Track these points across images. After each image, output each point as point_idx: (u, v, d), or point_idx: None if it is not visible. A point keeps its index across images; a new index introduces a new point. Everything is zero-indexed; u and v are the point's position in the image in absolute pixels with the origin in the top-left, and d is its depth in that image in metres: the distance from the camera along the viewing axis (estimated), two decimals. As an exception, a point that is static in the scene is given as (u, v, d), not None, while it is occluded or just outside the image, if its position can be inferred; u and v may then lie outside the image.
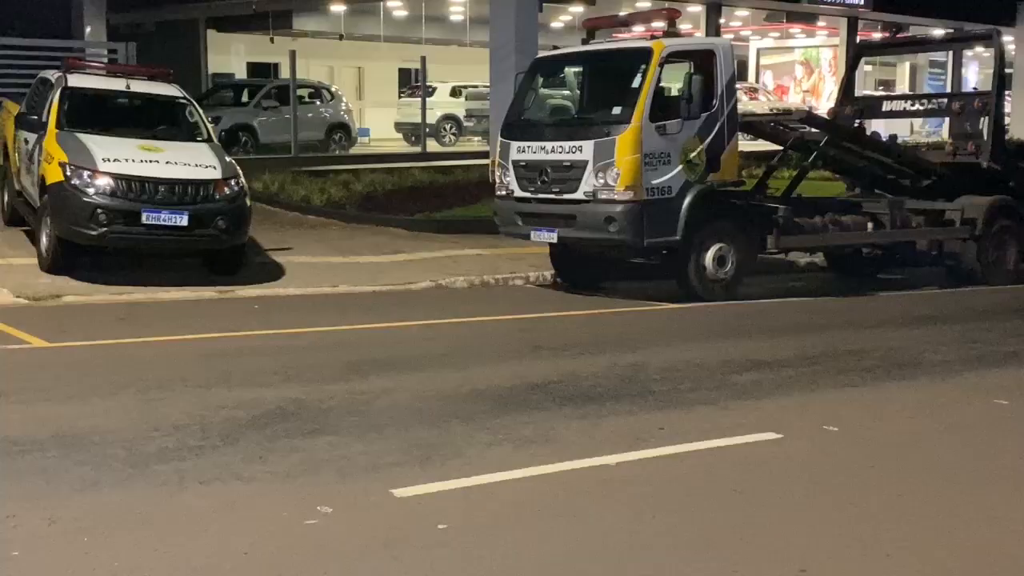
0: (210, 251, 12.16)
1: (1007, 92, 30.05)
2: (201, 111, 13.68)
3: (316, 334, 9.80)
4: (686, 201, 11.63)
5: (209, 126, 13.50)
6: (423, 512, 5.30)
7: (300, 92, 24.89)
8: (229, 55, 33.67)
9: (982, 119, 14.25)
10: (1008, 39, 30.90)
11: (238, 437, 6.38)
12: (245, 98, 25.77)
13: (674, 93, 12.17)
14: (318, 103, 26.39)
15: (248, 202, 12.32)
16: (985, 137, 14.11)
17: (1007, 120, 29.01)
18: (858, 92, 20.36)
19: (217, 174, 11.90)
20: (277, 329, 9.90)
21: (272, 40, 30.87)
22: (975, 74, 33.40)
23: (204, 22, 30.74)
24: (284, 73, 27.89)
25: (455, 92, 30.20)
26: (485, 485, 5.69)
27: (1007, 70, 28.72)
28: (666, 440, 6.50)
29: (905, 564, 4.80)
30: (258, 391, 7.43)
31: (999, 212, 13.85)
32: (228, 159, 12.55)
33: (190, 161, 11.93)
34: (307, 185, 18.45)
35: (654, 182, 11.50)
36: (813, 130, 13.83)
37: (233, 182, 12.01)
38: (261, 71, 33.38)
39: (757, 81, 32.11)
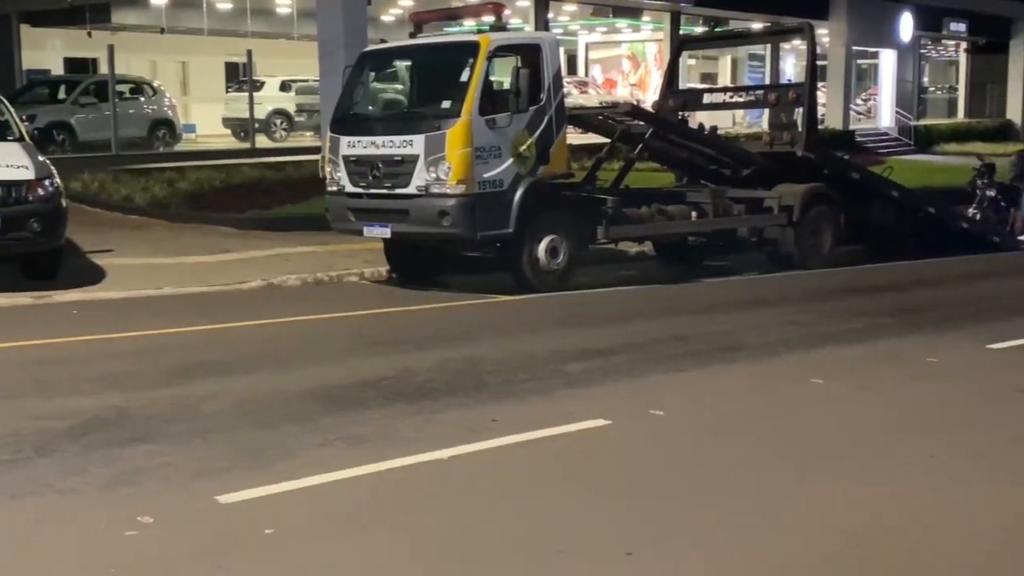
0: (25, 255, 11.61)
1: (821, 84, 31.59)
2: (12, 109, 13.05)
3: (139, 338, 9.46)
4: (518, 194, 11.73)
5: (22, 124, 12.91)
6: (250, 518, 5.17)
7: (120, 88, 24.03)
8: (45, 51, 32.20)
9: (797, 110, 14.83)
10: (822, 32, 32.36)
11: (54, 448, 6.09)
12: (62, 95, 24.72)
13: (503, 87, 12.24)
14: (140, 99, 25.53)
15: (64, 203, 11.82)
16: (800, 127, 14.69)
17: (821, 111, 30.47)
18: (681, 85, 20.97)
19: (30, 174, 11.38)
20: (97, 335, 9.51)
21: (90, 35, 29.69)
22: (792, 66, 34.82)
23: (17, 17, 29.36)
24: (103, 69, 26.84)
25: (284, 86, 29.66)
26: (316, 487, 5.59)
27: (821, 63, 30.06)
28: (499, 432, 6.53)
29: (729, 543, 4.94)
30: (76, 400, 7.12)
31: (814, 199, 14.44)
32: (41, 158, 12.01)
33: (0, 162, 11.38)
34: (129, 184, 17.82)
35: (485, 175, 11.55)
36: (639, 123, 14.14)
37: (47, 182, 11.51)
38: (79, 67, 32.05)
39: (586, 75, 32.63)
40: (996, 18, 39.58)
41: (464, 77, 11.65)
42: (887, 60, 35.99)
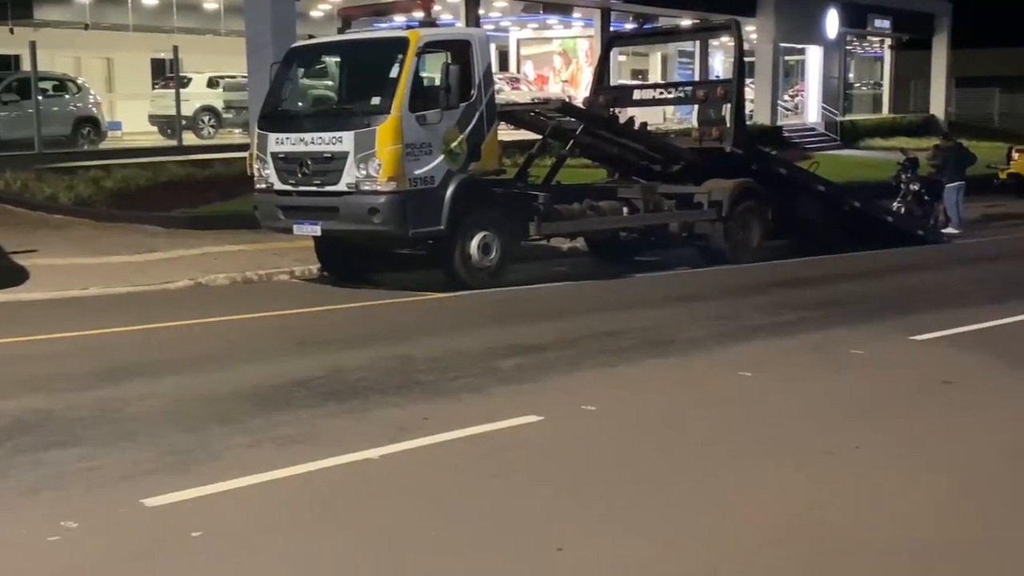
0: (-57, 256, 11.31)
1: (750, 80, 31.94)
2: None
3: (64, 340, 9.27)
4: (449, 190, 11.69)
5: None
6: (176, 521, 5.09)
7: (43, 85, 23.46)
8: (-36, 48, 31.36)
9: (725, 106, 14.98)
10: (750, 28, 32.73)
11: (-27, 455, 5.94)
12: (-18, 93, 24.07)
13: (434, 83, 12.18)
14: (64, 96, 24.98)
15: (-16, 202, 11.54)
16: (728, 123, 14.84)
17: (750, 107, 30.81)
18: (612, 81, 21.08)
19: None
20: (20, 336, 9.30)
21: (11, 31, 28.97)
22: (721, 63, 35.19)
23: (-64, 13, 28.52)
24: (26, 66, 26.25)
25: (212, 83, 29.23)
26: (244, 488, 5.53)
27: (749, 59, 30.39)
28: (430, 430, 6.51)
29: (659, 536, 4.98)
30: (-3, 404, 6.96)
31: (743, 194, 14.61)
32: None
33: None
34: (53, 183, 17.45)
35: (416, 172, 11.50)
36: (570, 119, 14.18)
37: (-35, 182, 11.22)
38: (1, 64, 31.27)
39: (518, 71, 32.66)
40: (919, 15, 40.37)
41: (394, 73, 11.58)
42: (814, 56, 36.51)
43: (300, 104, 13.16)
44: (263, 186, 12.22)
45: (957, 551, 4.84)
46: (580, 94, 28.47)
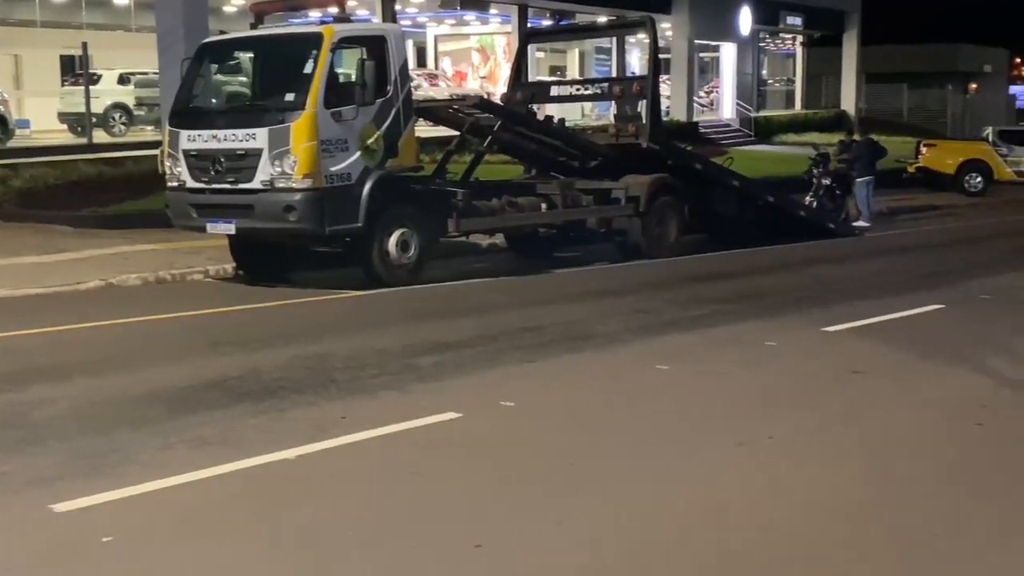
0: None
1: (666, 77, 32.25)
2: None
3: (-31, 344, 9.01)
4: (366, 187, 11.62)
5: None
6: (87, 526, 4.98)
7: (-53, 82, 22.78)
8: None
9: (641, 102, 15.09)
10: (665, 26, 33.05)
11: None
12: None
13: (349, 79, 12.10)
14: (-30, 93, 24.28)
15: None
16: (644, 120, 14.95)
17: (666, 103, 31.11)
18: (530, 78, 21.13)
19: None
20: (-78, 341, 9.02)
21: (-85, 27, 28.09)
22: (637, 59, 35.44)
23: None
24: (-73, 61, 25.49)
25: (123, 79, 28.62)
26: (157, 492, 5.42)
27: (664, 56, 30.68)
28: (348, 429, 6.46)
29: (575, 529, 5.00)
30: None
31: (660, 190, 14.74)
32: None
33: None
34: (-42, 183, 16.95)
35: (333, 169, 11.41)
36: (488, 115, 14.17)
37: None
38: (-98, 60, 30.27)
39: (436, 67, 32.56)
40: (830, 12, 41.14)
41: (308, 69, 11.48)
42: (728, 53, 37.00)
43: (213, 101, 12.96)
44: (175, 184, 12.02)
45: (862, 538, 4.94)
46: (499, 90, 28.50)
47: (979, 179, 26.43)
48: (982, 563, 4.66)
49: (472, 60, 33.69)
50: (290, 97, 11.60)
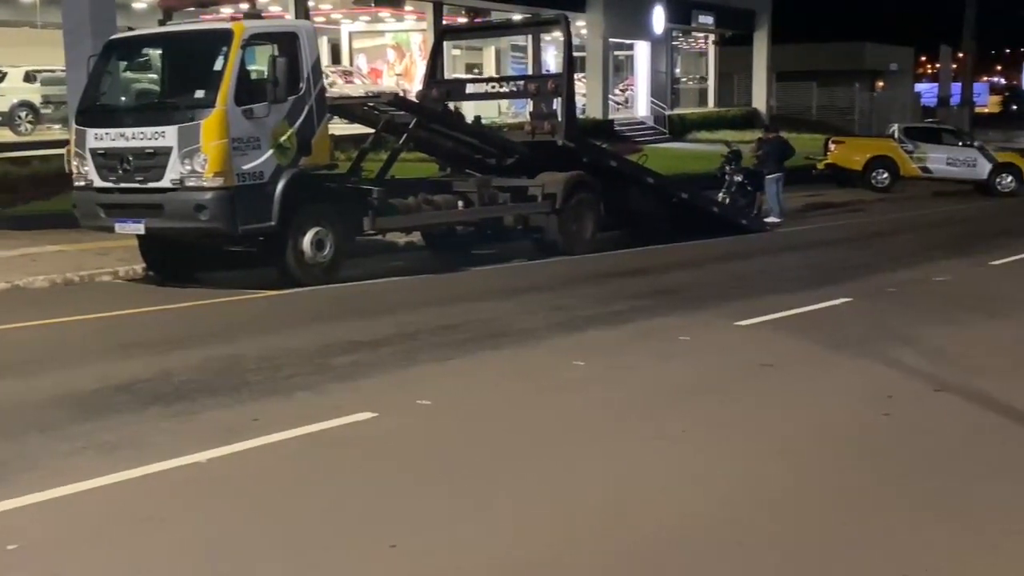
0: None
1: (581, 75, 32.44)
2: None
3: None
4: (279, 186, 11.49)
5: None
6: (-10, 535, 4.84)
7: None
8: None
9: (556, 100, 15.16)
10: (580, 24, 33.25)
11: None
12: None
13: (261, 76, 11.93)
14: None
15: None
16: (560, 117, 15.03)
17: (582, 101, 31.30)
18: (447, 75, 21.09)
19: None
20: None
21: None
22: (553, 57, 35.58)
23: None
24: None
25: (29, 77, 27.86)
26: (64, 497, 5.30)
27: (580, 54, 30.88)
28: (261, 431, 6.37)
29: (491, 528, 5.00)
30: None
31: (576, 187, 14.82)
32: None
33: None
34: None
35: (244, 167, 11.26)
36: (403, 113, 14.11)
37: None
38: None
39: (351, 64, 32.30)
40: (741, 11, 41.78)
41: (218, 66, 11.30)
42: (642, 52, 37.36)
43: (121, 98, 12.71)
44: (82, 183, 11.76)
45: (778, 526, 5.03)
46: (415, 88, 28.39)
47: (885, 175, 27.06)
48: (892, 546, 4.77)
49: (388, 57, 33.49)
50: (200, 94, 11.41)
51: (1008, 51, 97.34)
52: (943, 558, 4.68)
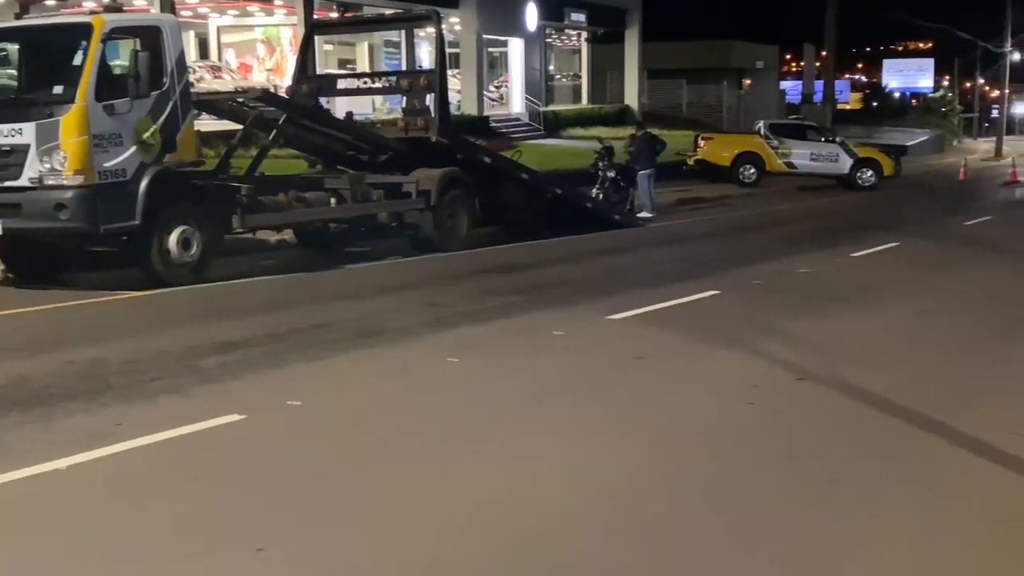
0: None
1: (456, 71, 32.42)
2: None
3: None
4: (143, 184, 11.19)
5: None
6: None
7: None
8: None
9: (429, 96, 15.11)
10: (454, 20, 33.23)
11: None
12: None
13: (123, 71, 11.60)
14: None
15: None
16: (433, 113, 14.98)
17: (457, 97, 31.29)
18: (319, 71, 20.84)
19: None
20: None
21: None
22: (427, 53, 35.46)
23: None
24: None
25: None
26: (-90, 512, 5.04)
27: (454, 50, 30.86)
28: (125, 435, 6.17)
29: (361, 530, 4.94)
30: None
31: (450, 183, 14.81)
32: None
33: None
34: None
35: (106, 165, 10.93)
36: (272, 108, 13.88)
37: None
38: None
39: (220, 59, 31.62)
40: (612, 9, 42.34)
41: (78, 61, 10.96)
42: (515, 48, 37.55)
43: (-25, 94, 12.18)
44: (-67, 183, 11.22)
45: (649, 518, 5.09)
46: (286, 83, 27.94)
47: (752, 171, 27.82)
48: (759, 533, 4.87)
49: (258, 52, 32.88)
50: (59, 90, 11.04)
51: (868, 49, 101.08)
52: (808, 543, 4.81)
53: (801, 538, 4.86)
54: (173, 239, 11.48)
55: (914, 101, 76.40)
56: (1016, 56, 54.39)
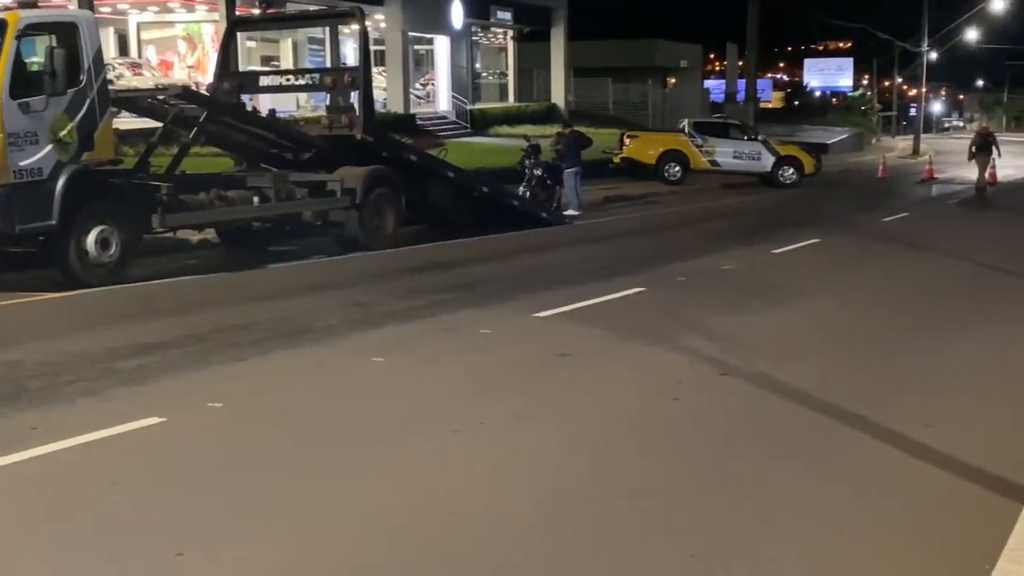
0: None
1: (381, 68, 32.20)
2: None
3: None
4: (60, 183, 10.95)
5: None
6: None
7: None
8: None
9: (353, 94, 14.99)
10: (379, 17, 33.02)
11: None
12: None
13: (39, 68, 11.31)
14: None
15: None
16: (357, 111, 14.87)
17: (383, 95, 31.09)
18: (241, 68, 20.56)
19: None
20: None
21: None
22: (352, 50, 35.19)
23: None
24: None
25: None
26: None
27: (379, 47, 30.64)
28: (40, 440, 6.02)
29: (283, 532, 4.88)
30: None
31: (376, 181, 14.70)
32: None
33: None
34: None
35: (22, 164, 10.68)
36: (193, 106, 13.66)
37: None
38: None
39: (140, 56, 31.05)
40: (538, 8, 42.41)
41: (-9, 57, 10.64)
42: (442, 46, 37.43)
43: None
44: None
45: (573, 515, 5.10)
46: (208, 80, 27.52)
47: (677, 168, 28.08)
48: (683, 528, 4.91)
49: (179, 49, 32.35)
50: (-29, 87, 10.72)
51: (790, 49, 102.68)
52: (731, 538, 4.86)
53: (723, 533, 4.90)
54: (91, 239, 11.25)
55: (834, 100, 77.81)
56: (933, 55, 55.68)
